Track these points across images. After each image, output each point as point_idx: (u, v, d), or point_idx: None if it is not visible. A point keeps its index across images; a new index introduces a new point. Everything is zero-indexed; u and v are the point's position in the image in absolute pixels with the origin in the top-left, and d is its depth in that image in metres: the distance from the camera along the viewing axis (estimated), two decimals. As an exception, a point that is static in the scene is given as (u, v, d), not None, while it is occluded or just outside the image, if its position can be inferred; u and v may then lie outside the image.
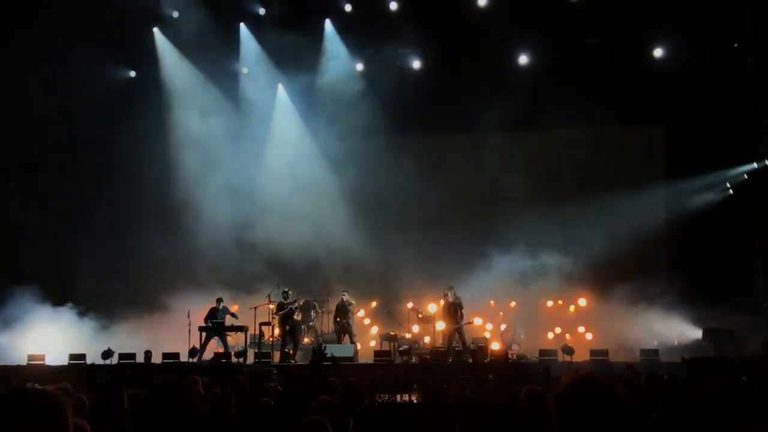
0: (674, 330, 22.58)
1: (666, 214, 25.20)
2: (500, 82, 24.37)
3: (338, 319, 23.18)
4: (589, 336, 23.67)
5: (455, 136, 26.62)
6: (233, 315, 22.77)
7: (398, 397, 6.71)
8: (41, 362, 20.48)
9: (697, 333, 22.08)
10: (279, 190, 25.80)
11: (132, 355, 20.73)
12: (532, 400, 7.26)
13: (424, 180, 25.29)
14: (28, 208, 26.73)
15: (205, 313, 22.74)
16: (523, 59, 25.63)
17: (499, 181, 25.12)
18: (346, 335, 22.93)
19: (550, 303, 24.66)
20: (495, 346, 22.56)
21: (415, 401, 6.59)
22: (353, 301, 23.35)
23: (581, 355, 20.68)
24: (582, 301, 24.46)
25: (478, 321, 23.45)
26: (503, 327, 23.60)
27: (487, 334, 23.67)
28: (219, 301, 22.90)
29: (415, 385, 6.91)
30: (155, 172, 25.71)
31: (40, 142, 26.98)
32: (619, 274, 23.44)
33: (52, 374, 17.45)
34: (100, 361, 20.56)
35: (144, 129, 25.13)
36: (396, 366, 19.67)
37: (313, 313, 25.10)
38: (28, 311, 23.05)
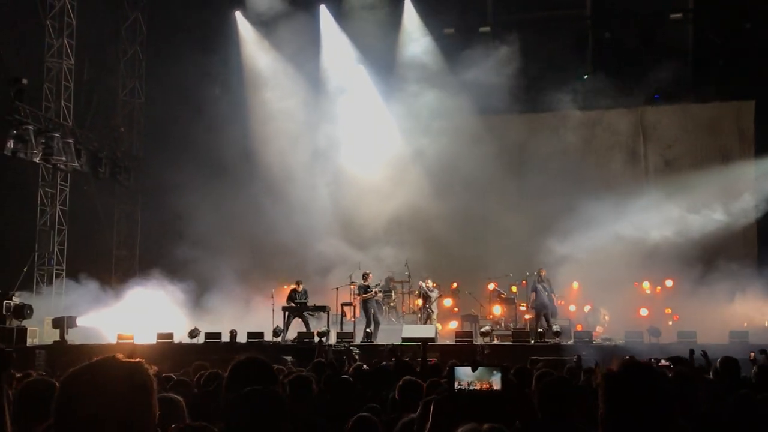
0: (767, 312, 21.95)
1: (756, 193, 24.42)
2: (583, 60, 23.99)
3: (422, 303, 23.28)
4: (676, 318, 23.14)
5: (539, 114, 26.33)
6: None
7: (478, 384, 6.56)
8: (130, 341, 21.00)
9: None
10: (360, 169, 26.04)
11: (218, 335, 21.05)
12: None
13: (507, 159, 25.08)
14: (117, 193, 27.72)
15: (287, 293, 22.98)
16: (605, 35, 25.18)
17: (583, 160, 24.78)
18: (429, 318, 22.91)
19: (636, 284, 24.22)
20: (578, 327, 22.12)
21: (495, 388, 6.43)
22: (435, 288, 23.24)
23: (668, 338, 20.24)
24: (669, 282, 23.94)
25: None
26: (587, 308, 23.31)
27: (571, 315, 23.44)
28: (299, 283, 23.03)
29: (494, 371, 6.67)
30: (237, 153, 26.17)
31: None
32: (707, 255, 22.90)
33: (138, 353, 17.84)
34: (187, 340, 21.12)
35: (227, 111, 25.56)
36: (477, 347, 19.61)
37: (394, 295, 25.14)
38: (120, 292, 23.91)
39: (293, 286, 22.95)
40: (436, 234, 24.88)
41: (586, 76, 25.68)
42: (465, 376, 6.45)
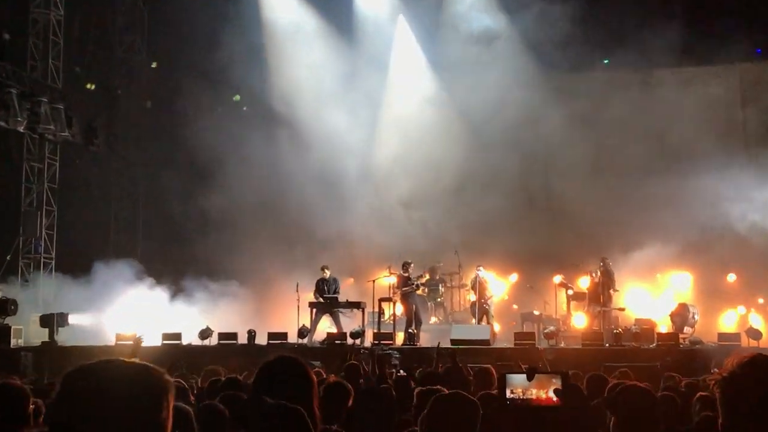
0: None
1: None
2: (669, 8, 23.74)
3: (475, 298, 23.13)
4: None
5: (617, 73, 26.20)
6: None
7: (534, 394, 6.53)
8: (130, 342, 21.12)
9: None
10: (398, 140, 26.29)
11: (233, 335, 21.13)
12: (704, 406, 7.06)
13: (578, 126, 24.94)
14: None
15: (313, 286, 23.05)
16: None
17: (669, 126, 24.62)
18: (485, 315, 22.90)
19: (732, 276, 24.05)
20: (663, 328, 22.09)
21: (554, 398, 6.37)
22: (488, 278, 23.25)
23: (771, 341, 20.08)
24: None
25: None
26: (673, 305, 23.00)
27: (653, 315, 23.10)
28: (324, 268, 23.07)
29: (553, 379, 6.66)
30: (258, 115, 26.68)
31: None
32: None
33: (142, 356, 18.04)
34: (197, 342, 21.23)
35: (247, 67, 25.80)
36: (540, 351, 19.56)
37: (441, 288, 25.20)
38: (116, 288, 24.04)
39: (321, 275, 23.05)
40: (488, 215, 24.85)
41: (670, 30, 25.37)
42: (519, 384, 6.48)
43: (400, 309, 22.83)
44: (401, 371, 14.54)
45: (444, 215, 26.00)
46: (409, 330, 21.88)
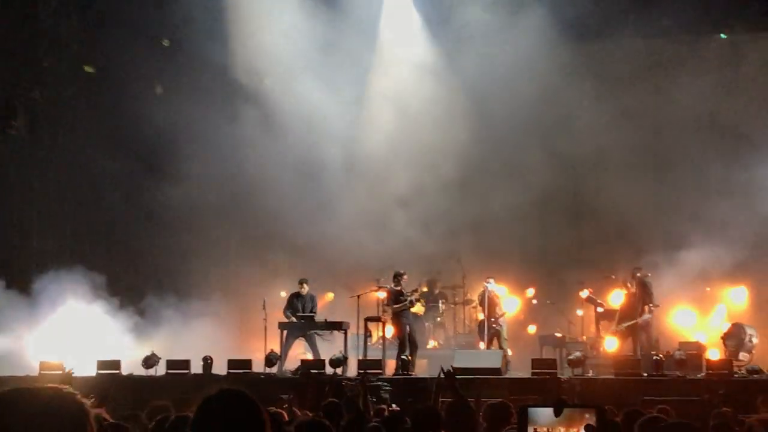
0: None
1: None
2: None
3: (484, 317, 23.17)
4: None
5: (657, 39, 26.21)
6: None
7: (561, 429, 6.51)
8: (58, 372, 21.03)
9: None
10: (390, 122, 26.41)
11: (185, 363, 21.19)
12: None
13: (609, 105, 25.01)
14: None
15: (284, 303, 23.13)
16: None
17: (719, 109, 24.85)
18: (495, 338, 23.02)
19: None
20: (713, 353, 22.15)
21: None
22: (500, 292, 23.36)
23: None
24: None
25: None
26: (726, 326, 23.09)
27: (701, 337, 23.33)
28: (303, 282, 23.16)
29: (586, 414, 6.61)
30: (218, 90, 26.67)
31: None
32: None
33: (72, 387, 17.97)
34: (140, 371, 21.23)
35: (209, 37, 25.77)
36: (563, 383, 19.61)
37: (441, 305, 25.32)
38: (41, 304, 23.92)
39: (296, 289, 23.13)
40: (500, 214, 24.96)
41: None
42: (545, 421, 6.44)
43: (390, 331, 22.87)
44: (393, 406, 14.61)
45: (445, 215, 26.01)
46: (402, 356, 21.85)
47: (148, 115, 25.40)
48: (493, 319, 22.93)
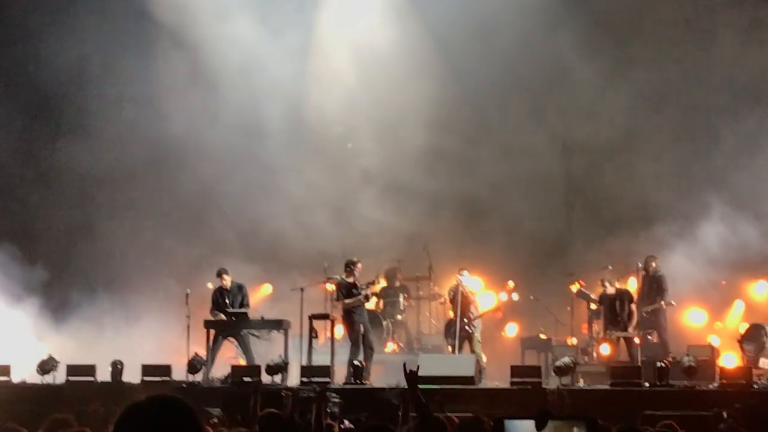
0: None
1: None
2: None
3: (454, 315, 23.22)
4: None
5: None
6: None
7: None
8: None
9: None
10: (345, 76, 26.79)
11: (89, 369, 21.51)
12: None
13: (603, 54, 25.56)
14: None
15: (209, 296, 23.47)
16: None
17: (741, 62, 25.21)
18: (467, 341, 23.17)
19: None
20: (728, 360, 22.61)
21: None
22: (474, 287, 23.64)
23: None
24: None
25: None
26: (744, 326, 23.53)
27: (714, 340, 23.89)
28: (221, 274, 23.24)
29: (574, 427, 6.99)
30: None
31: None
32: None
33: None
34: (35, 378, 21.52)
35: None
36: (549, 394, 20.04)
37: (402, 300, 25.80)
38: None
39: (218, 283, 23.39)
40: (475, 191, 25.51)
41: None
42: (525, 434, 6.72)
43: (341, 330, 23.33)
44: (345, 423, 15.18)
45: (410, 193, 26.28)
46: (355, 361, 22.05)
47: (46, 57, 25.65)
48: (465, 321, 22.93)
